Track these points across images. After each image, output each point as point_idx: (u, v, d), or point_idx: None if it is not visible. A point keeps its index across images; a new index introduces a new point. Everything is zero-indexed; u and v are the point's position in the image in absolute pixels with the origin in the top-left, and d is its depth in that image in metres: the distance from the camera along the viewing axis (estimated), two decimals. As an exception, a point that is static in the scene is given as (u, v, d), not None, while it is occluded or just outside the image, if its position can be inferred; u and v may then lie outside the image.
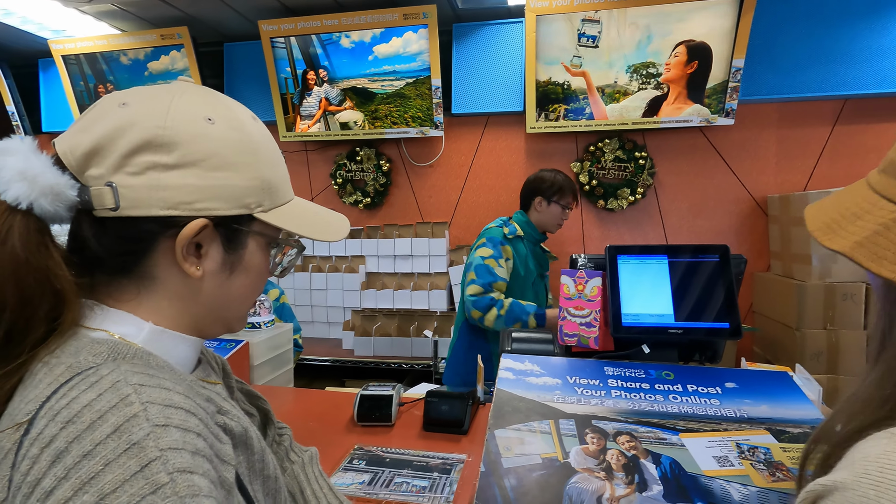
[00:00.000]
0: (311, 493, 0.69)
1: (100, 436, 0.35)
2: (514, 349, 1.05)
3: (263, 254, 0.53)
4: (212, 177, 0.46)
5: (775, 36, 2.31)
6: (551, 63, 2.39)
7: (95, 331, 0.44)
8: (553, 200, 1.84)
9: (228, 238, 0.49)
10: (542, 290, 1.94)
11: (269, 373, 1.61)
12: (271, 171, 0.51)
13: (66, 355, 0.41)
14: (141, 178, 0.44)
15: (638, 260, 1.02)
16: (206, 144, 0.46)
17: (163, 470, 0.35)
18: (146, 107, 0.45)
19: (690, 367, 0.92)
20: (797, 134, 2.41)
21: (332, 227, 0.56)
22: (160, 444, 0.36)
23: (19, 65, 3.07)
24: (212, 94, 0.50)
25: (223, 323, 0.53)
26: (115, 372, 0.39)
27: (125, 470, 0.34)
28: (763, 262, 2.49)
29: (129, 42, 2.75)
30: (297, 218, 0.53)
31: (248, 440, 0.49)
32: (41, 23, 2.56)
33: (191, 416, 0.39)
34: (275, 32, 2.58)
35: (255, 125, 0.51)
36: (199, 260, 0.47)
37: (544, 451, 0.74)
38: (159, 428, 0.36)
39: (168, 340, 0.48)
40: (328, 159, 2.91)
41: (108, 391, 0.37)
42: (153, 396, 0.38)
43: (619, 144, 2.53)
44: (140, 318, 0.47)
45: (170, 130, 0.44)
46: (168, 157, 0.44)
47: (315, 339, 2.93)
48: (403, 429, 1.21)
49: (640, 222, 2.58)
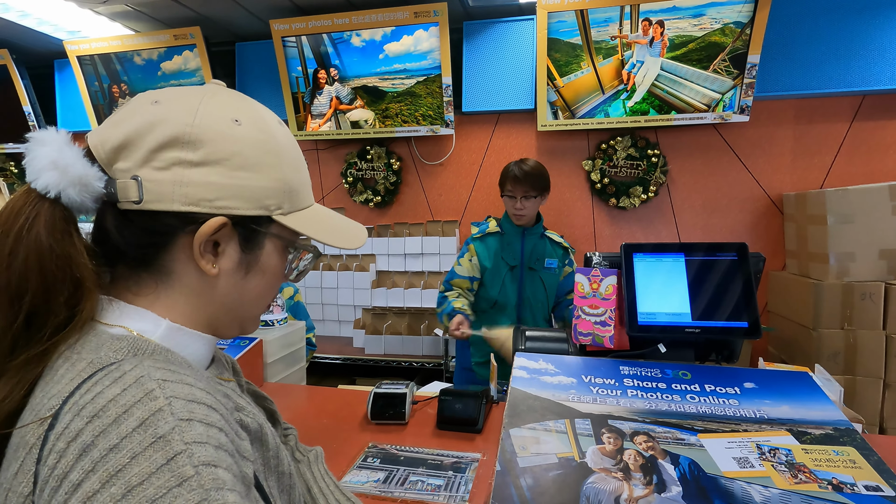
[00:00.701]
0: (318, 491, 0.69)
1: (126, 429, 0.35)
2: (527, 348, 1.04)
3: (280, 256, 0.53)
4: (234, 176, 0.46)
5: (791, 31, 2.27)
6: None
7: (114, 327, 0.45)
8: (503, 194, 1.86)
9: (246, 238, 0.49)
10: (520, 282, 1.88)
11: (282, 370, 1.62)
12: (293, 175, 0.51)
13: (87, 351, 0.42)
14: (166, 174, 0.45)
15: (654, 258, 1.01)
16: (231, 144, 0.46)
17: (188, 463, 0.35)
18: (177, 105, 0.46)
19: (708, 366, 0.91)
20: (814, 130, 2.38)
21: (349, 235, 0.56)
22: (185, 438, 0.36)
23: (35, 65, 3.12)
24: (241, 98, 0.51)
25: (237, 323, 0.54)
26: (139, 367, 0.40)
27: (151, 463, 0.34)
28: (779, 261, 2.46)
29: (143, 42, 2.78)
30: (316, 223, 0.53)
31: (264, 437, 0.50)
32: (57, 24, 2.59)
33: (213, 412, 0.40)
34: (286, 32, 2.59)
35: (280, 129, 0.52)
36: (215, 258, 0.48)
37: (560, 450, 0.74)
38: (184, 422, 0.37)
39: (184, 338, 0.48)
40: (339, 158, 2.92)
41: (133, 386, 0.38)
42: (177, 391, 0.39)
43: (631, 142, 2.51)
44: (157, 315, 0.47)
45: (197, 128, 0.45)
46: (193, 155, 0.45)
47: (326, 337, 2.94)
48: (417, 427, 1.21)
49: (653, 221, 2.56)
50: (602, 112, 2.43)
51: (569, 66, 2.40)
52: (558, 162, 2.66)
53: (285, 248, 0.53)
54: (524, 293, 1.89)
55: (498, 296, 1.88)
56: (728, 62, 2.24)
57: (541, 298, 1.90)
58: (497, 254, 1.89)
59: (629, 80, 2.37)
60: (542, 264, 1.90)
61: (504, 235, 1.90)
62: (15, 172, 3.37)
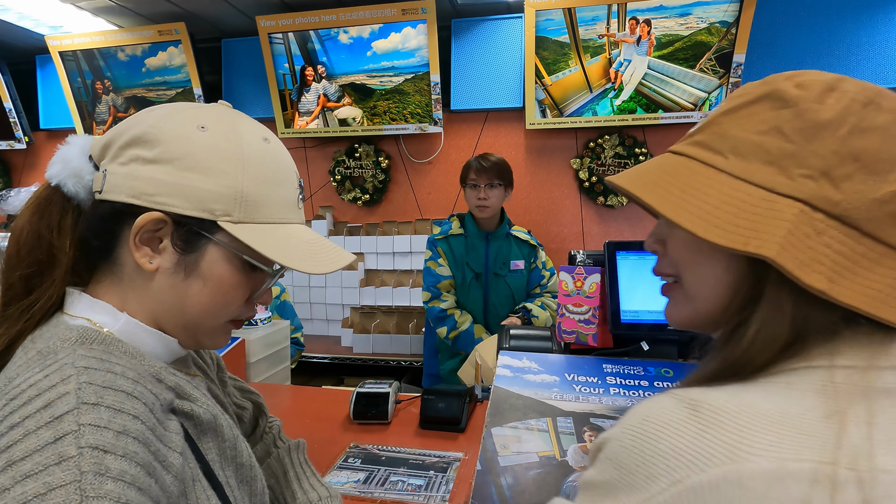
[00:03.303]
0: (294, 475, 0.71)
1: (30, 410, 0.37)
2: (511, 346, 1.03)
3: (229, 267, 0.50)
4: (181, 176, 0.47)
5: (776, 31, 2.29)
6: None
7: (76, 318, 0.48)
8: (465, 185, 1.81)
9: (185, 239, 0.49)
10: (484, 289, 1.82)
11: (265, 370, 1.60)
12: (255, 187, 0.50)
13: (42, 340, 0.45)
14: (125, 168, 0.48)
15: (637, 256, 1.00)
16: (185, 146, 0.48)
17: (74, 443, 0.35)
18: (157, 111, 0.50)
19: (690, 364, 0.91)
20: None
21: (316, 258, 0.52)
22: (81, 420, 0.37)
23: (16, 61, 3.05)
24: (227, 112, 0.53)
25: (185, 331, 0.52)
26: (70, 356, 0.41)
27: (38, 440, 0.35)
28: (764, 259, 2.48)
29: (127, 38, 2.74)
30: (272, 240, 0.50)
31: (218, 427, 0.51)
32: (38, 19, 2.54)
33: (131, 399, 0.40)
34: (273, 28, 2.56)
35: (258, 143, 0.51)
36: (154, 254, 0.49)
37: (542, 449, 0.74)
38: (86, 405, 0.38)
39: (140, 333, 0.50)
40: (327, 156, 2.90)
41: (55, 372, 0.39)
42: (94, 378, 0.40)
43: (619, 140, 2.52)
44: (116, 308, 0.49)
45: (158, 129, 0.48)
46: (149, 152, 0.48)
47: (314, 336, 2.92)
48: (400, 427, 1.20)
49: (641, 219, 2.57)
50: (590, 110, 2.44)
51: (557, 64, 2.40)
52: (546, 160, 2.66)
53: (237, 261, 0.51)
54: (489, 300, 1.83)
55: (463, 303, 1.83)
56: (714, 61, 2.26)
57: (506, 303, 1.85)
58: (461, 259, 1.81)
59: (617, 79, 2.37)
60: (507, 268, 1.84)
61: (468, 238, 1.83)
62: (-5, 169, 3.31)
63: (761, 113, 0.40)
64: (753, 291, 0.39)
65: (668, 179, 0.43)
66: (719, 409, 0.34)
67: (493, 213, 1.80)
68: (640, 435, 0.35)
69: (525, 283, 1.87)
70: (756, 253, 0.36)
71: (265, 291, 0.56)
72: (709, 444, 0.33)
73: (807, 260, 0.35)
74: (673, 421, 0.35)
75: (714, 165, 0.41)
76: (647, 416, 0.36)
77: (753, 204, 0.38)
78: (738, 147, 0.40)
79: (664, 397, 0.37)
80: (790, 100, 0.39)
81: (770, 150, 0.38)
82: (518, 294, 1.86)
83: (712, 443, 0.33)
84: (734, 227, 0.38)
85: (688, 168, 0.43)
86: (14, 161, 3.34)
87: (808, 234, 0.36)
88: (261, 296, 0.56)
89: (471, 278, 1.82)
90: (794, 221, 0.36)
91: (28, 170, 3.34)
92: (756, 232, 0.37)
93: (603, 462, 0.37)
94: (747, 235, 0.37)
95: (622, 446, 0.36)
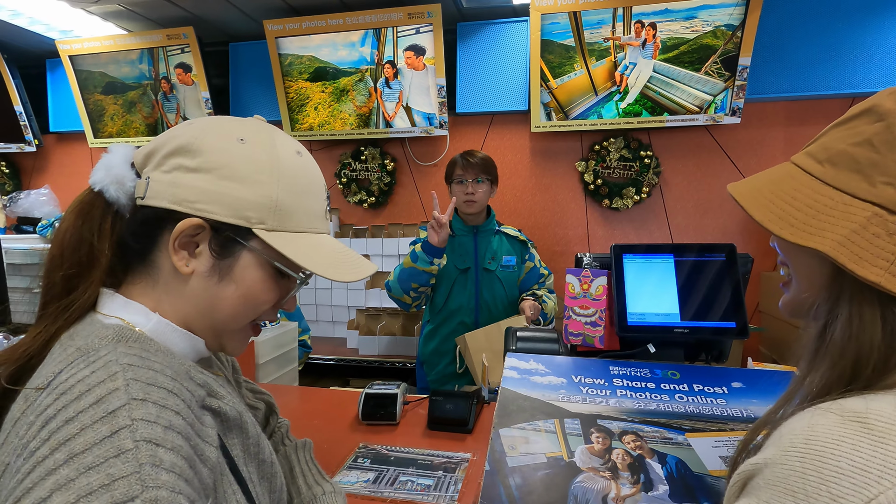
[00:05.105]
0: (300, 472, 0.73)
1: (83, 405, 0.39)
2: (518, 348, 1.04)
3: (260, 273, 0.53)
4: (220, 184, 0.50)
5: (782, 34, 2.29)
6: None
7: (110, 317, 0.50)
8: (451, 183, 1.82)
9: (221, 244, 0.52)
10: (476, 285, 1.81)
11: (274, 371, 1.61)
12: (288, 197, 0.53)
13: (80, 338, 0.47)
14: (168, 176, 0.51)
15: (644, 259, 1.01)
16: (225, 157, 0.51)
17: (130, 437, 0.37)
18: (197, 123, 0.53)
19: (696, 366, 0.92)
20: (805, 132, 2.40)
21: (342, 267, 0.55)
22: (133, 415, 0.39)
23: (27, 65, 3.09)
24: (263, 127, 0.55)
25: (213, 333, 0.55)
26: (112, 353, 0.43)
27: (97, 434, 0.37)
28: (770, 262, 2.48)
29: (136, 42, 2.77)
30: (302, 248, 0.53)
31: (243, 424, 0.53)
32: (49, 23, 2.57)
33: (172, 396, 0.43)
34: (280, 32, 2.58)
35: (293, 158, 0.54)
36: (192, 258, 0.51)
37: (549, 450, 0.74)
38: (136, 401, 0.40)
39: (170, 333, 0.52)
40: (333, 159, 2.92)
41: (101, 369, 0.41)
42: (138, 375, 0.42)
43: (624, 143, 2.52)
44: (148, 309, 0.51)
45: (200, 140, 0.51)
46: (192, 161, 0.51)
47: (320, 338, 2.93)
48: (408, 427, 1.21)
49: (646, 221, 2.57)
50: (595, 113, 2.44)
51: (562, 67, 2.41)
52: (552, 163, 2.67)
53: (268, 267, 0.54)
54: (481, 297, 1.81)
55: (449, 301, 1.80)
56: (720, 64, 2.26)
57: (500, 299, 1.82)
58: (448, 257, 1.80)
59: (622, 82, 2.38)
60: (498, 263, 1.82)
61: (454, 237, 1.82)
62: (7, 172, 3.34)
63: (859, 126, 0.44)
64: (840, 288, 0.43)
65: (767, 185, 0.50)
66: (891, 420, 0.34)
67: (480, 208, 1.80)
68: (812, 456, 0.34)
69: (517, 279, 1.86)
70: (813, 247, 0.41)
71: (291, 298, 0.58)
72: (894, 457, 0.32)
73: (868, 256, 0.39)
74: (845, 437, 0.34)
75: (811, 172, 0.47)
76: (811, 436, 0.35)
77: (832, 206, 0.43)
78: (834, 157, 0.45)
79: (820, 415, 0.37)
80: (884, 114, 0.42)
81: (859, 159, 0.42)
82: (510, 290, 1.84)
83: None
84: (805, 226, 0.43)
85: (789, 175, 0.49)
86: (24, 164, 3.38)
87: (879, 234, 0.40)
88: (287, 301, 0.58)
89: (456, 275, 1.80)
90: (864, 223, 0.40)
91: (37, 172, 3.37)
92: (821, 230, 0.42)
93: (766, 490, 0.36)
94: (812, 233, 0.42)
95: (791, 470, 0.34)
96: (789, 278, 0.54)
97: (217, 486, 0.46)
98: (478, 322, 1.80)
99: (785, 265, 0.54)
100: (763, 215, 0.48)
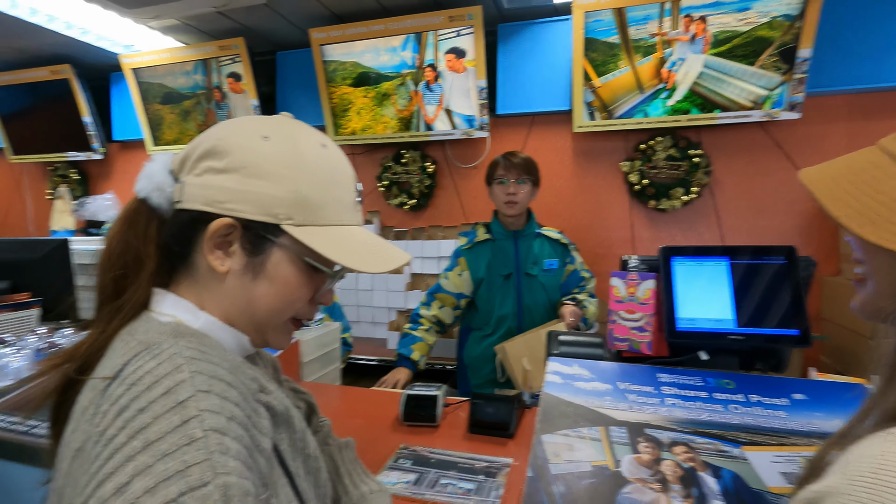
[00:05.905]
0: (346, 471, 0.73)
1: (154, 395, 0.41)
2: (561, 353, 1.02)
3: (292, 268, 0.54)
4: (248, 183, 0.52)
5: (845, 23, 2.14)
6: (600, 60, 2.33)
7: (163, 315, 0.52)
8: (492, 184, 1.79)
9: (253, 242, 0.53)
10: (517, 291, 1.77)
11: (317, 370, 1.65)
12: (314, 190, 0.53)
13: (140, 333, 0.49)
14: (199, 179, 0.53)
15: (695, 261, 0.97)
16: (250, 155, 0.52)
17: (199, 427, 0.40)
18: (224, 125, 0.55)
19: (753, 375, 0.87)
20: (869, 127, 2.23)
21: (371, 258, 0.55)
22: (200, 406, 0.41)
23: (94, 78, 3.32)
24: (288, 122, 0.57)
25: (255, 329, 0.56)
26: (174, 346, 0.46)
27: (169, 423, 0.39)
28: (832, 266, 2.32)
29: (191, 54, 2.91)
30: (329, 241, 0.53)
31: (290, 419, 0.54)
32: (114, 39, 2.75)
33: (231, 388, 0.45)
34: (324, 39, 2.65)
35: (317, 149, 0.55)
36: (227, 257, 0.53)
37: (594, 458, 0.72)
38: (202, 393, 0.42)
39: (218, 330, 0.54)
40: (375, 162, 2.97)
41: (166, 361, 0.44)
42: (201, 368, 0.44)
43: (672, 142, 2.43)
44: (196, 307, 0.54)
45: (225, 141, 0.53)
46: (220, 163, 0.52)
47: (361, 338, 2.98)
48: (448, 430, 1.21)
49: (695, 223, 2.47)
50: (641, 112, 2.37)
51: (606, 65, 2.35)
52: (595, 163, 2.61)
53: (299, 262, 0.54)
54: (523, 302, 1.78)
55: (497, 308, 1.78)
56: (777, 57, 2.14)
57: (542, 304, 1.78)
58: (490, 264, 1.78)
59: (669, 79, 2.30)
60: (540, 267, 1.79)
61: (495, 242, 1.80)
62: (76, 179, 3.59)
63: None
64: None
65: (846, 175, 0.44)
66: None
67: (522, 210, 1.77)
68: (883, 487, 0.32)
69: (559, 282, 1.82)
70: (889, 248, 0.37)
71: (327, 292, 0.59)
72: None
73: None
74: None
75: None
76: (881, 465, 0.33)
77: None
78: None
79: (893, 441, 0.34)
80: None
81: None
82: (552, 294, 1.80)
83: None
84: (890, 224, 0.38)
85: (874, 163, 0.43)
86: (91, 171, 3.62)
87: None
88: (323, 296, 0.59)
89: (500, 282, 1.78)
90: None
91: (103, 179, 3.61)
92: None
93: None
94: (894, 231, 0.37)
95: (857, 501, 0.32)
96: (865, 276, 0.49)
97: (268, 478, 0.47)
98: (521, 327, 1.78)
99: (860, 262, 0.49)
100: (841, 210, 0.42)
